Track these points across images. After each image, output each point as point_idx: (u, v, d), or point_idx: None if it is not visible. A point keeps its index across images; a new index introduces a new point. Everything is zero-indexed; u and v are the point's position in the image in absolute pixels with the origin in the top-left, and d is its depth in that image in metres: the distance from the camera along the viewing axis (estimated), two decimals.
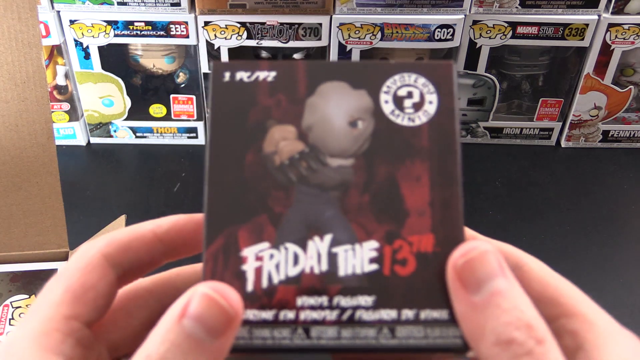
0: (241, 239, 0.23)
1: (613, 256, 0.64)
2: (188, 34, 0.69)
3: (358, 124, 0.24)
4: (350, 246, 0.23)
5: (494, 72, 0.75)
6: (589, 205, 0.71)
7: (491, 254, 0.21)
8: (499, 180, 0.74)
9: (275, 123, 0.24)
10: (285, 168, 0.23)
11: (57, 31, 0.69)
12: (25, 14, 0.43)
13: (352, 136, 0.24)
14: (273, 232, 0.23)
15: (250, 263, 0.22)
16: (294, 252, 0.23)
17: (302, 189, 0.23)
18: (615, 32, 0.69)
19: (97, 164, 0.76)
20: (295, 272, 0.22)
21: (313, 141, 0.24)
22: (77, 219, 0.64)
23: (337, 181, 0.23)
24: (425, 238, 0.23)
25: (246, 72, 0.24)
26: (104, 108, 0.75)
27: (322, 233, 0.23)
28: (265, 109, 0.24)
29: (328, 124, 0.24)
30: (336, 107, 0.24)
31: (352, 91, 0.24)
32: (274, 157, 0.23)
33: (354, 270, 0.22)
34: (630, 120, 0.77)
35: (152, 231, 0.24)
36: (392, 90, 0.24)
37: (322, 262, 0.22)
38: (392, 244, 0.23)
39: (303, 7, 0.68)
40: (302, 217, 0.23)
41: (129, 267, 0.24)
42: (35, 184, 0.48)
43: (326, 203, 0.23)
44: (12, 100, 0.45)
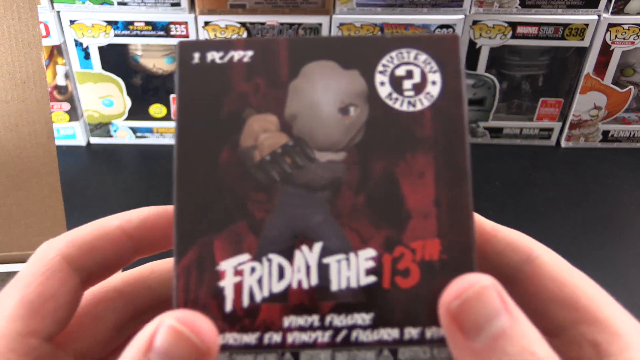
0: (217, 251, 0.20)
1: (613, 256, 0.64)
2: (188, 34, 0.69)
3: (350, 110, 0.21)
4: (344, 256, 0.20)
5: (494, 72, 0.75)
6: (588, 205, 0.71)
7: (490, 289, 0.17)
8: (499, 180, 0.74)
9: (253, 112, 0.21)
10: (266, 165, 0.20)
11: (57, 31, 0.69)
12: (25, 14, 0.43)
13: (344, 125, 0.20)
14: (254, 241, 0.20)
15: (228, 278, 0.20)
16: (279, 264, 0.20)
17: (286, 189, 0.20)
18: (615, 32, 0.69)
19: (97, 164, 0.76)
20: (280, 287, 0.19)
21: (298, 133, 0.20)
22: (77, 219, 0.64)
23: (327, 179, 0.20)
24: (431, 244, 0.20)
25: (218, 52, 0.21)
26: (104, 108, 0.75)
27: (311, 241, 0.20)
28: (241, 96, 0.21)
29: (315, 112, 0.21)
30: (324, 91, 0.21)
31: (343, 72, 0.21)
32: (253, 153, 0.20)
33: (348, 284, 0.19)
34: (630, 120, 0.77)
35: (120, 227, 0.21)
36: (388, 69, 0.21)
37: (312, 275, 0.20)
38: (392, 251, 0.20)
39: (303, 7, 0.68)
40: (288, 223, 0.20)
41: (94, 268, 0.21)
42: (35, 184, 0.48)
43: (315, 206, 0.20)
44: (12, 100, 0.45)
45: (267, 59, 0.21)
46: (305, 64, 0.21)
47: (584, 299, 0.19)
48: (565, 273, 0.20)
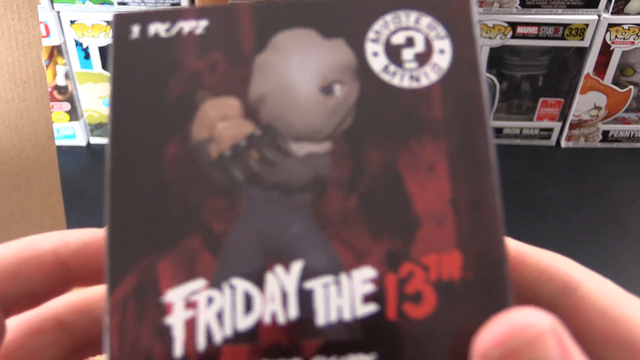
0: (163, 276, 0.15)
1: (613, 256, 0.64)
2: None
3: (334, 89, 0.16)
4: (333, 278, 0.15)
5: (494, 72, 0.75)
6: (588, 205, 0.71)
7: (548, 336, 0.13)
8: (499, 180, 0.74)
9: (208, 95, 0.16)
10: (226, 162, 0.16)
11: (57, 31, 0.69)
12: (25, 14, 0.43)
13: (327, 108, 0.16)
14: (212, 262, 0.15)
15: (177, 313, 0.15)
16: (246, 292, 0.15)
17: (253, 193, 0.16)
18: (615, 32, 0.69)
19: (97, 164, 0.76)
20: (248, 323, 0.15)
21: (267, 119, 0.16)
22: (77, 219, 0.64)
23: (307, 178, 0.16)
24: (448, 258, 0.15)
25: (163, 23, 0.17)
26: (104, 108, 0.75)
27: (288, 260, 0.15)
28: (193, 76, 0.17)
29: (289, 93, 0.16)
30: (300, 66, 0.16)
31: (324, 41, 0.17)
32: (209, 147, 0.16)
33: (340, 316, 0.15)
34: (630, 120, 0.77)
35: (54, 252, 0.18)
36: (382, 36, 0.17)
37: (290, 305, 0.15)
38: (397, 270, 0.15)
39: None
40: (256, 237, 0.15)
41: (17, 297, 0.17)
42: (35, 184, 0.48)
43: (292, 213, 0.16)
44: (12, 100, 0.45)
45: (226, 30, 0.17)
46: (275, 33, 0.17)
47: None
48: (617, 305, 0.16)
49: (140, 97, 0.16)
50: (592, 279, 0.16)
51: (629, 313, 0.15)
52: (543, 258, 0.17)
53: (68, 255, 0.18)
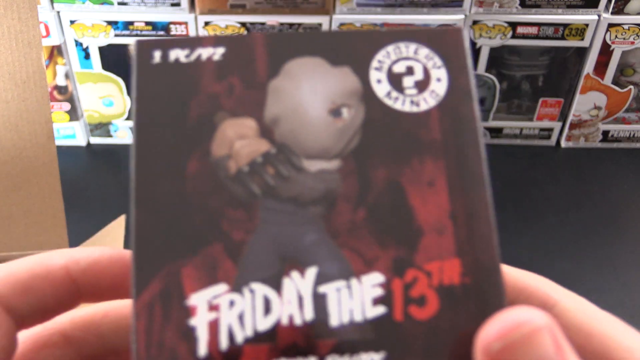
0: (187, 281, 0.16)
1: (613, 256, 0.64)
2: (188, 34, 0.69)
3: (342, 112, 0.18)
4: (344, 282, 0.16)
5: (494, 72, 0.75)
6: (588, 205, 0.71)
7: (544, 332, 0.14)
8: (499, 180, 0.74)
9: (227, 116, 0.18)
10: (244, 177, 0.17)
11: (57, 31, 0.69)
12: (25, 14, 0.43)
13: (336, 129, 0.18)
14: (232, 268, 0.16)
15: (201, 315, 0.16)
16: (264, 295, 0.16)
17: (270, 205, 0.17)
18: (615, 32, 0.69)
19: (97, 164, 0.76)
20: (267, 324, 0.16)
21: (281, 138, 0.18)
22: (77, 219, 0.64)
23: (318, 192, 0.17)
24: (449, 265, 0.16)
25: (183, 49, 0.18)
26: (104, 108, 0.75)
27: (303, 266, 0.16)
28: (211, 98, 0.18)
29: (301, 114, 0.18)
30: (311, 90, 0.18)
31: (332, 69, 0.18)
32: (228, 163, 0.17)
33: (352, 317, 0.16)
34: (630, 120, 0.77)
35: (65, 268, 0.18)
36: (385, 65, 0.18)
37: (306, 307, 0.16)
38: (403, 275, 0.16)
39: (303, 7, 0.68)
40: (273, 245, 0.17)
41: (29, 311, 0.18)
42: (35, 184, 0.48)
43: (306, 223, 0.17)
44: (12, 100, 0.45)
45: (242, 57, 0.18)
46: (287, 61, 0.18)
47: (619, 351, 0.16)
48: (592, 321, 0.17)
49: (163, 117, 0.18)
50: (569, 297, 0.18)
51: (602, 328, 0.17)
52: (523, 278, 0.18)
53: (78, 272, 0.18)
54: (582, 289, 0.22)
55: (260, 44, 0.18)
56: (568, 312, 0.17)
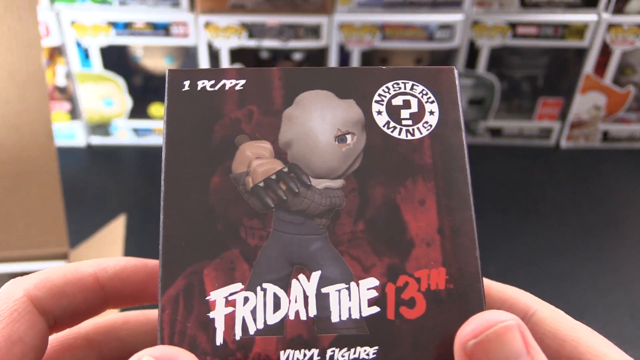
0: (207, 280, 0.19)
1: (613, 256, 0.64)
2: (188, 34, 0.69)
3: (347, 138, 0.20)
4: (345, 285, 0.19)
5: (494, 72, 0.75)
6: (588, 205, 0.71)
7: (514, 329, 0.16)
8: (499, 180, 0.74)
9: (246, 139, 0.20)
10: (260, 191, 0.20)
11: (57, 31, 0.69)
12: (25, 14, 0.43)
13: (341, 153, 0.20)
14: (247, 270, 0.19)
15: (219, 309, 0.18)
16: (274, 294, 0.19)
17: (281, 216, 0.19)
18: (615, 32, 0.69)
19: (97, 164, 0.76)
20: (276, 319, 0.18)
21: (293, 159, 0.20)
22: (77, 219, 0.64)
23: (324, 206, 0.20)
24: (436, 273, 0.19)
25: (210, 80, 0.21)
26: (104, 108, 0.75)
27: (309, 270, 0.19)
28: (233, 122, 0.20)
29: (311, 139, 0.20)
30: (320, 119, 0.20)
31: (339, 101, 0.21)
32: (246, 179, 0.20)
33: (350, 315, 0.18)
34: (630, 120, 0.77)
35: (94, 275, 0.20)
36: (385, 99, 0.21)
37: (310, 305, 0.18)
38: (395, 280, 0.19)
39: (303, 7, 0.68)
40: (283, 251, 0.19)
41: (61, 314, 0.20)
42: (35, 184, 0.48)
43: (312, 233, 0.19)
44: (12, 100, 0.45)
45: (260, 87, 0.21)
46: (300, 92, 0.21)
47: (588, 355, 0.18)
48: (565, 328, 0.19)
49: (191, 136, 0.20)
50: (546, 307, 0.20)
51: (575, 335, 0.18)
52: (506, 291, 0.20)
53: (106, 279, 0.20)
54: (582, 289, 0.22)
55: (277, 77, 0.21)
56: (545, 320, 0.19)
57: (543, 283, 0.61)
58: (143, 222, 0.66)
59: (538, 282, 0.61)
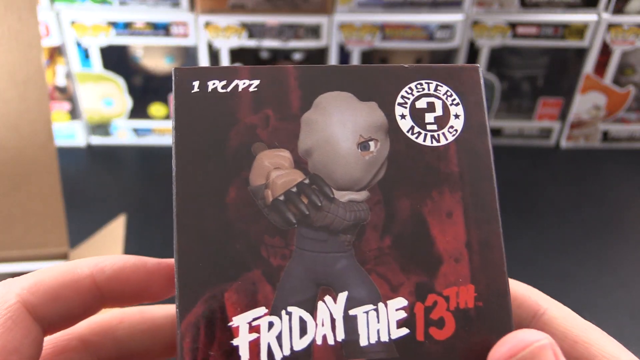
0: (229, 304, 0.17)
1: (613, 256, 0.64)
2: (188, 34, 0.69)
3: (370, 145, 0.19)
4: (372, 306, 0.18)
5: (494, 72, 0.75)
6: (588, 205, 0.71)
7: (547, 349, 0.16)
8: (499, 180, 0.74)
9: (263, 147, 0.19)
10: (280, 206, 0.18)
11: (57, 31, 0.69)
12: (25, 14, 0.43)
13: (364, 162, 0.19)
14: (270, 292, 0.18)
15: (243, 335, 0.17)
16: (300, 317, 0.18)
17: (304, 232, 0.18)
18: (615, 32, 0.69)
19: (97, 164, 0.76)
20: (303, 344, 0.17)
21: (314, 169, 0.19)
22: (77, 219, 0.64)
23: (349, 221, 0.18)
24: (465, 290, 0.18)
25: (221, 80, 0.19)
26: (104, 108, 0.75)
27: (335, 291, 0.18)
28: (249, 129, 0.19)
29: (332, 147, 0.19)
30: (341, 124, 0.19)
31: (360, 103, 0.19)
32: (265, 192, 0.18)
33: (379, 337, 0.17)
34: (630, 120, 0.77)
35: (91, 276, 0.19)
36: (409, 101, 0.19)
37: (338, 329, 0.17)
38: (424, 300, 0.18)
39: (303, 7, 0.68)
40: (308, 271, 0.18)
41: (56, 318, 0.19)
42: (35, 184, 0.48)
43: (337, 250, 0.18)
44: (12, 100, 0.45)
45: (276, 89, 0.19)
46: (319, 94, 0.19)
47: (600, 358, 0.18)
48: (576, 329, 0.19)
49: (204, 145, 0.18)
50: (556, 307, 0.19)
51: (587, 336, 0.18)
52: (516, 288, 0.20)
53: (103, 280, 0.19)
54: (582, 289, 0.22)
55: (292, 76, 0.19)
56: (555, 319, 0.19)
57: (543, 283, 0.61)
58: (143, 222, 0.66)
59: (538, 282, 0.61)
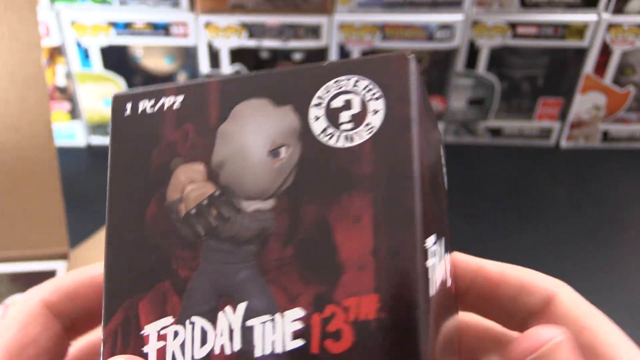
0: (142, 313, 0.18)
1: (613, 256, 0.64)
2: (188, 34, 0.69)
3: (281, 152, 0.18)
4: (269, 317, 0.17)
5: (494, 72, 0.75)
6: (588, 206, 0.71)
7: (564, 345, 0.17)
8: (499, 180, 0.74)
9: (181, 162, 0.19)
10: (191, 219, 0.19)
11: (57, 31, 0.69)
12: (25, 14, 0.43)
13: (273, 169, 0.18)
14: (178, 302, 0.18)
15: (152, 344, 0.18)
16: (202, 327, 0.18)
17: (211, 244, 0.18)
18: (615, 32, 0.69)
19: (97, 164, 0.76)
20: (203, 353, 0.18)
21: (225, 181, 0.19)
22: (77, 219, 0.64)
23: (253, 231, 0.18)
24: (366, 300, 0.17)
25: (150, 100, 0.20)
26: (104, 108, 0.75)
27: (235, 301, 0.18)
28: (170, 146, 0.19)
29: (243, 157, 0.18)
30: (254, 132, 0.18)
31: (274, 109, 0.18)
32: (179, 206, 0.19)
33: (273, 349, 0.17)
34: (630, 120, 0.77)
35: None
36: (324, 101, 0.18)
37: (235, 339, 0.17)
38: (322, 311, 0.17)
39: (303, 7, 0.68)
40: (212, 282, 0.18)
41: (77, 316, 0.21)
42: (35, 184, 0.48)
43: (240, 261, 0.18)
44: (12, 100, 0.45)
45: (197, 103, 0.19)
46: (236, 104, 0.19)
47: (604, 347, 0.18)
48: (584, 316, 0.19)
49: (130, 166, 0.20)
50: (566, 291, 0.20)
51: (593, 323, 0.19)
52: (524, 275, 0.20)
53: None
54: (582, 289, 0.22)
55: (215, 89, 0.19)
56: (564, 305, 0.19)
57: None
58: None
59: None
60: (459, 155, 0.77)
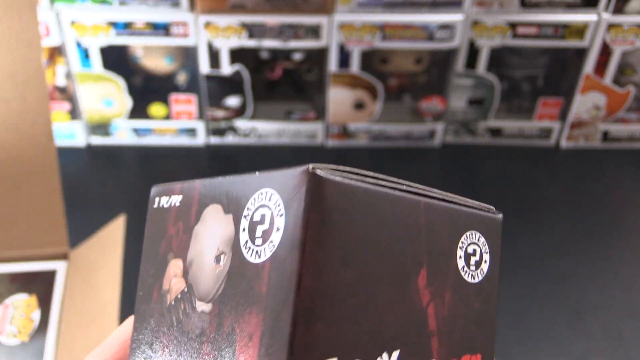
0: None
1: (613, 256, 0.64)
2: (188, 34, 0.69)
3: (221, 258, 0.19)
4: None
5: (494, 72, 0.75)
6: (588, 206, 0.71)
7: None
8: (499, 180, 0.74)
9: (173, 256, 0.21)
10: (171, 309, 0.21)
11: (57, 31, 0.69)
12: (25, 14, 0.43)
13: (215, 275, 0.19)
14: None
15: None
16: None
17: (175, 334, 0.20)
18: (615, 32, 0.69)
19: (97, 164, 0.76)
20: None
21: (190, 279, 0.20)
22: (77, 219, 0.64)
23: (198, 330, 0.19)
24: None
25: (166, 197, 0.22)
26: (104, 108, 0.75)
27: None
28: (169, 240, 0.22)
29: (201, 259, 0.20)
30: (209, 237, 0.20)
31: (224, 217, 0.19)
32: (167, 296, 0.21)
33: None
34: (630, 120, 0.77)
35: None
36: (250, 213, 0.18)
37: None
38: None
39: (303, 7, 0.68)
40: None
41: None
42: (35, 184, 0.48)
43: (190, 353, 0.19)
44: (12, 100, 0.45)
45: (187, 204, 0.21)
46: (206, 207, 0.20)
47: None
48: None
49: (149, 254, 0.23)
50: None
51: None
52: None
53: None
54: (582, 289, 0.22)
55: (197, 191, 0.21)
56: None
57: (543, 283, 0.61)
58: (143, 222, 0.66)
59: (538, 282, 0.61)
60: (459, 155, 0.77)
